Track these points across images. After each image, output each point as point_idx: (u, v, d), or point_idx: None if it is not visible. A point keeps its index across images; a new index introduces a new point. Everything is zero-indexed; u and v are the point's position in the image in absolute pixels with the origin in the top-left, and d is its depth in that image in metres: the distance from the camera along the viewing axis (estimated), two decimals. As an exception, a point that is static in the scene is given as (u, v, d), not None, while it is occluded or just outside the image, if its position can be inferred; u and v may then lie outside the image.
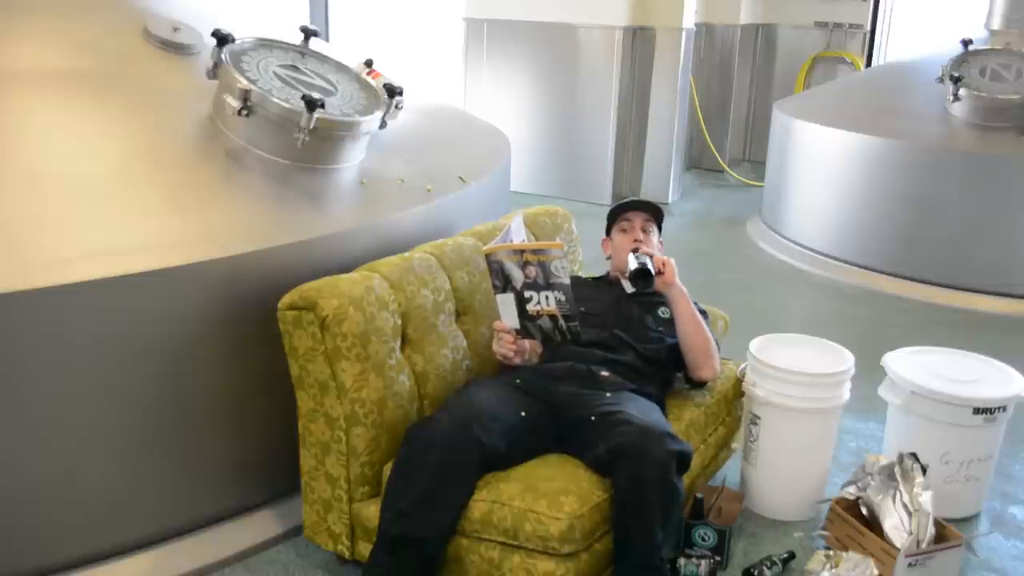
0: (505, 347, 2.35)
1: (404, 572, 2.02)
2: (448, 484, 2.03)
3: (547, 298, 2.25)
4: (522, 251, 2.24)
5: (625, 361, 2.42)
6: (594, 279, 2.77)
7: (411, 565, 2.02)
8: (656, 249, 2.66)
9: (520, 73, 6.78)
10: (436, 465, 2.02)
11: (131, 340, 2.11)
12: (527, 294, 2.26)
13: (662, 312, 2.58)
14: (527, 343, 2.39)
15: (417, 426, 2.16)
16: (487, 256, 2.29)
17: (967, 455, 2.58)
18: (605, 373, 2.36)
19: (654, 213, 2.71)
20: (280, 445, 2.36)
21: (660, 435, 2.08)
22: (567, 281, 2.23)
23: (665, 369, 2.55)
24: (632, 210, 2.70)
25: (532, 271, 2.23)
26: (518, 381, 2.33)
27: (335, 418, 2.15)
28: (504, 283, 2.28)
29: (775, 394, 2.53)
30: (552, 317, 2.27)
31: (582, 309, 2.46)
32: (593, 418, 2.18)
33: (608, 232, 2.76)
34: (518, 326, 2.32)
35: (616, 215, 2.73)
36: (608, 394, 2.29)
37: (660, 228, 2.73)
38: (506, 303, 2.30)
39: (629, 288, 2.60)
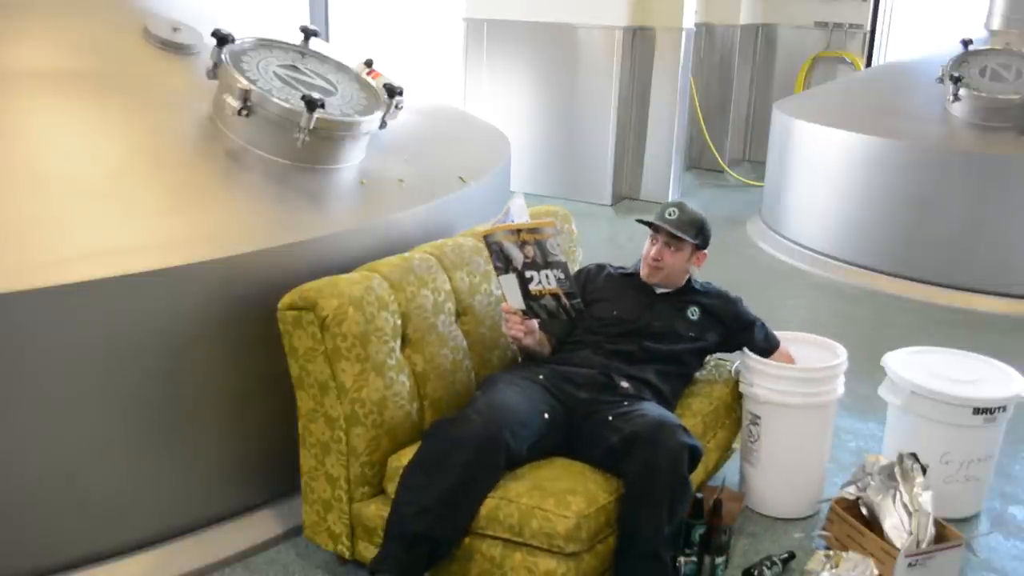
0: (514, 328, 2.37)
1: (415, 567, 2.02)
2: (474, 485, 2.04)
3: (547, 277, 2.28)
4: (518, 231, 2.27)
5: (644, 379, 2.41)
6: (625, 275, 2.64)
7: (422, 561, 2.02)
8: (686, 264, 2.53)
9: (520, 73, 6.78)
10: (464, 465, 2.01)
11: (131, 340, 2.11)
12: (528, 274, 2.30)
13: (691, 313, 2.55)
14: (535, 322, 2.41)
15: (445, 423, 2.12)
16: (485, 238, 2.31)
17: (967, 455, 2.58)
18: (625, 384, 2.37)
19: (678, 238, 2.48)
20: (280, 445, 2.36)
21: (674, 427, 2.12)
22: (564, 259, 2.27)
23: (688, 367, 2.56)
24: (659, 224, 2.50)
25: (530, 251, 2.27)
26: (541, 377, 2.33)
27: (335, 418, 2.14)
28: (506, 264, 2.31)
29: (774, 392, 2.53)
30: (555, 296, 2.31)
31: (614, 313, 2.48)
32: (610, 418, 2.21)
33: None
34: (523, 307, 2.35)
35: (651, 224, 2.55)
36: (626, 402, 2.30)
37: (702, 241, 2.53)
38: (509, 284, 2.33)
39: (660, 289, 2.58)
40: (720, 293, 2.65)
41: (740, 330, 2.61)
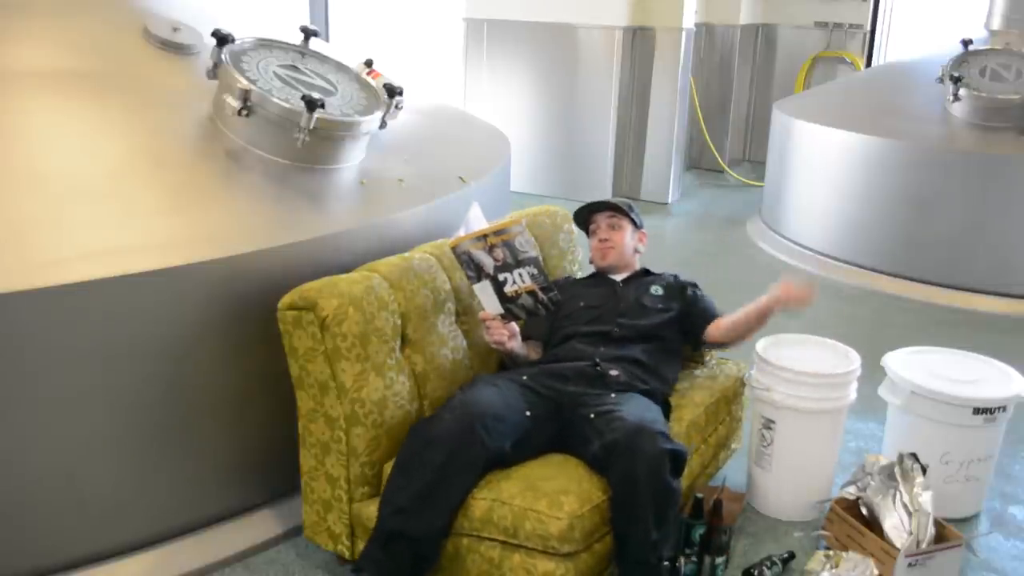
0: (496, 333, 2.37)
1: (397, 567, 2.03)
2: (448, 483, 2.04)
3: (520, 276, 2.31)
4: (485, 236, 2.29)
5: (631, 357, 2.43)
6: (587, 277, 2.79)
7: (405, 561, 2.03)
8: (632, 241, 2.72)
9: (520, 73, 6.78)
10: (437, 464, 2.02)
11: (131, 340, 2.11)
12: (501, 277, 2.31)
13: (655, 290, 2.64)
14: (515, 325, 2.42)
15: (421, 423, 2.17)
16: (453, 249, 2.34)
17: (967, 455, 2.58)
18: (614, 372, 2.37)
19: (615, 209, 2.73)
20: (280, 445, 2.36)
21: (652, 433, 2.08)
22: (535, 254, 2.30)
23: (668, 340, 2.57)
24: (593, 212, 2.75)
25: (500, 253, 2.29)
26: (525, 378, 2.33)
27: (335, 418, 2.14)
28: (477, 272, 2.32)
29: (791, 397, 2.52)
30: (531, 293, 2.33)
31: (582, 304, 2.54)
32: (592, 415, 2.20)
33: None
34: (502, 311, 2.35)
35: (583, 221, 2.78)
36: (613, 394, 2.29)
37: (635, 220, 2.75)
38: (485, 291, 2.34)
39: (619, 277, 2.67)
40: (670, 275, 2.77)
41: (694, 298, 2.67)
